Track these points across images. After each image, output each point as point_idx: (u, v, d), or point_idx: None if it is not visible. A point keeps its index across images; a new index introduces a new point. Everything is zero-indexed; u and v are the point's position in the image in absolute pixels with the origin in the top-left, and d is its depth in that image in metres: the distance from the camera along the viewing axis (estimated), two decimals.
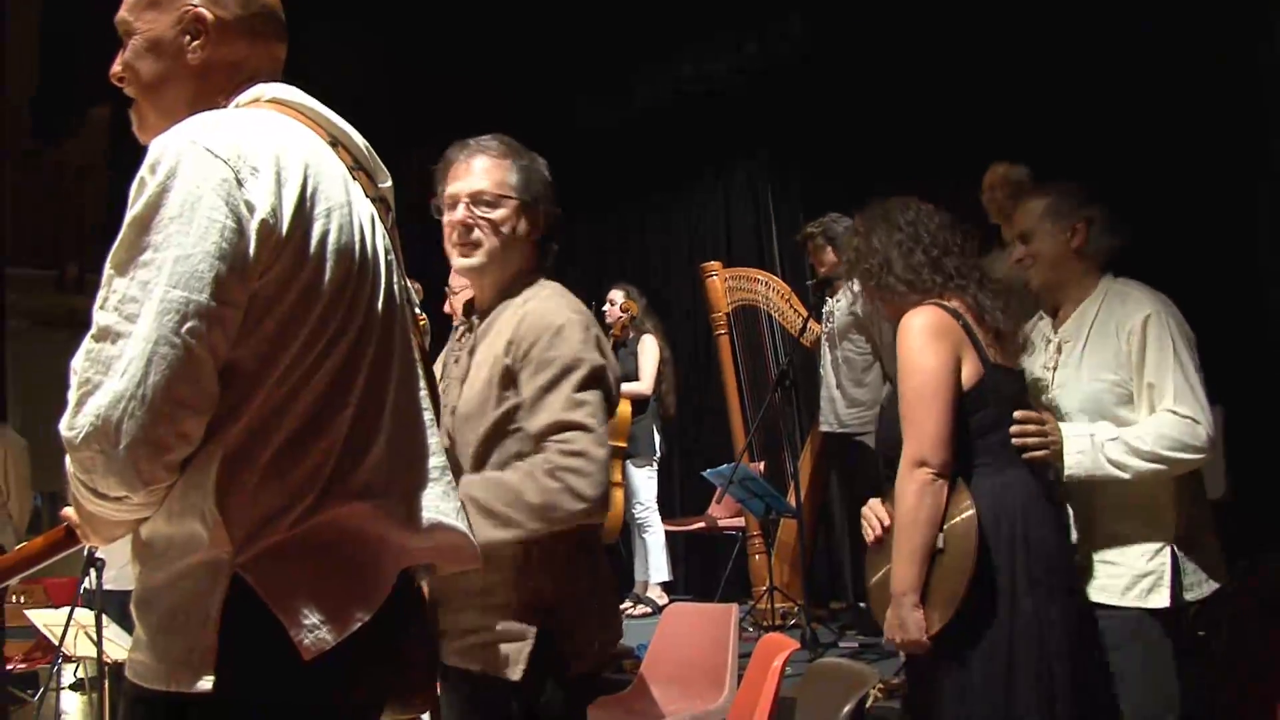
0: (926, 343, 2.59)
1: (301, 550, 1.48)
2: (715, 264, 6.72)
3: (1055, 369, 2.84)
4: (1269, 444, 4.61)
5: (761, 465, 6.47)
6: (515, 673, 2.18)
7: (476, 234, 2.39)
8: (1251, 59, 4.98)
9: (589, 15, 7.24)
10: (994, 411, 2.59)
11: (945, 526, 2.52)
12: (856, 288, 5.31)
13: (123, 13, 1.69)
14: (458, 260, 2.43)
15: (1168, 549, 2.68)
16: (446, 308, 3.36)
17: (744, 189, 7.90)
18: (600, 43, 7.52)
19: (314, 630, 1.46)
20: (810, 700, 3.03)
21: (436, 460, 1.71)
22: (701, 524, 6.79)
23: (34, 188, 9.81)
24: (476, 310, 2.48)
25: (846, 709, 2.43)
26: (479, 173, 2.42)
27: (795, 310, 6.22)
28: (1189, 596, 2.68)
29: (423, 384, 1.74)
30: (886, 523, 2.69)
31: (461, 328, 2.52)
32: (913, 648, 2.52)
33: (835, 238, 5.51)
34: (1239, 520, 4.08)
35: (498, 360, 2.28)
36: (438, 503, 1.68)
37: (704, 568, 7.39)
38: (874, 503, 2.77)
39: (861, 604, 5.16)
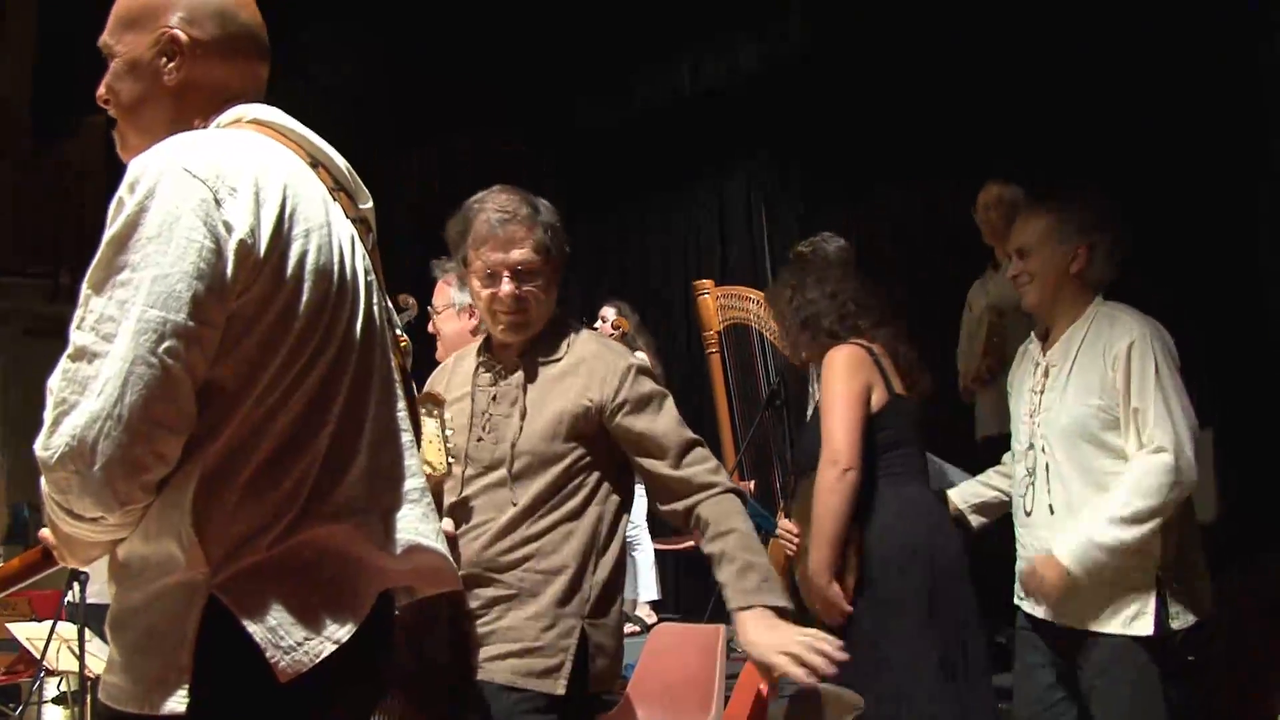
0: (845, 372, 3.05)
1: (279, 571, 1.47)
2: (707, 282, 6.70)
3: (1042, 393, 2.87)
4: (1270, 445, 4.59)
5: (751, 484, 6.45)
6: (559, 686, 2.23)
7: (522, 307, 2.45)
8: (1252, 59, 4.97)
9: (589, 15, 7.22)
10: (894, 432, 3.06)
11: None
12: None
13: (105, 36, 1.69)
14: (505, 333, 2.48)
15: (1152, 576, 2.69)
16: (430, 328, 3.35)
17: (740, 197, 7.90)
18: (599, 43, 7.50)
19: (290, 652, 1.45)
20: None
21: (416, 482, 1.70)
22: (691, 542, 6.75)
23: (31, 191, 9.80)
24: (499, 350, 2.53)
25: None
26: (517, 243, 2.45)
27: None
28: (1175, 625, 2.68)
29: (403, 405, 1.73)
30: (796, 531, 3.27)
31: (491, 367, 2.53)
32: (836, 618, 2.95)
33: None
34: (1241, 521, 4.08)
35: (571, 405, 2.39)
36: (417, 524, 1.66)
37: (694, 587, 7.37)
38: (784, 523, 3.27)
39: None
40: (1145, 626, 2.67)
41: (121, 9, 1.68)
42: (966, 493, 3.29)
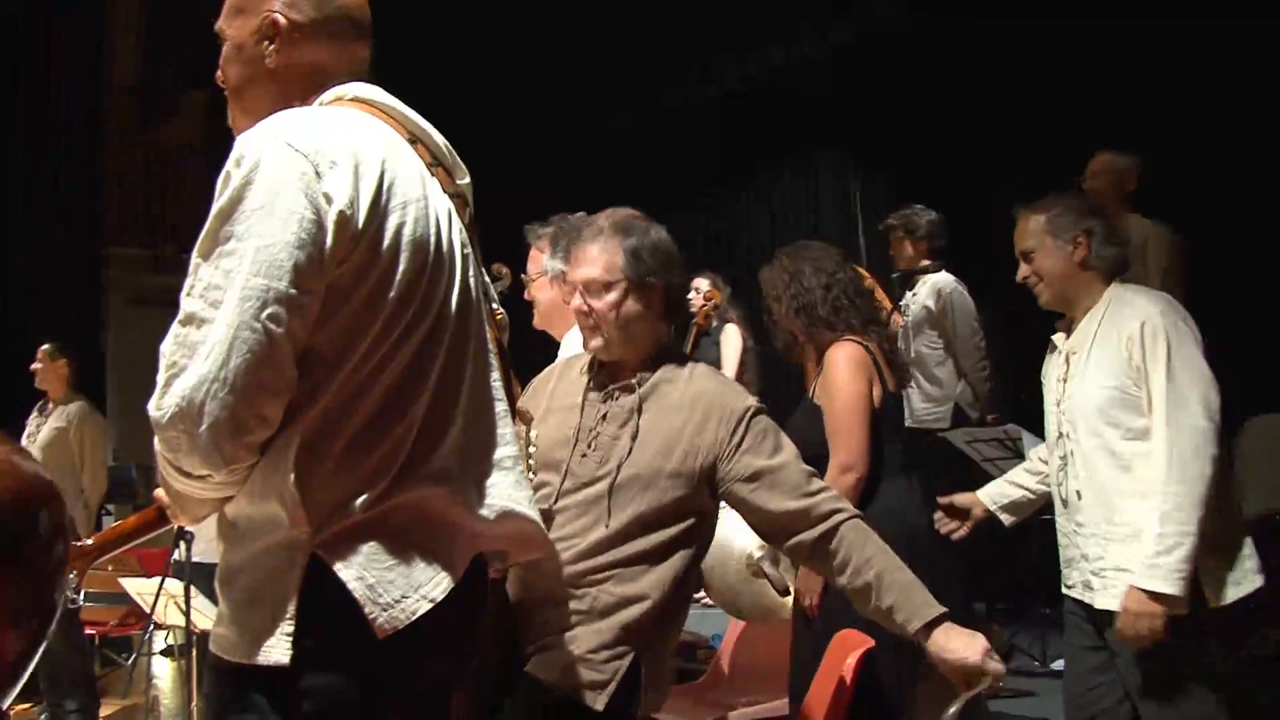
0: (851, 371, 3.16)
1: (377, 531, 1.53)
2: None
3: (1066, 380, 2.93)
4: None
5: None
6: (599, 701, 2.20)
7: (594, 321, 2.45)
8: None
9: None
10: (885, 430, 3.20)
11: None
12: (931, 283, 5.28)
13: (220, 21, 1.76)
14: (590, 347, 2.52)
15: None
16: (526, 295, 3.39)
17: (831, 175, 7.83)
18: (685, 27, 7.47)
19: (388, 609, 1.51)
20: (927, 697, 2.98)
21: (510, 450, 1.74)
22: None
23: (135, 167, 10.07)
24: (611, 369, 2.52)
25: (953, 710, 2.33)
26: (592, 259, 2.46)
27: (880, 302, 6.14)
28: (1229, 597, 2.69)
29: (498, 376, 1.77)
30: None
31: (603, 385, 2.52)
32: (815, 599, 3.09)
33: (916, 230, 5.47)
34: None
35: (685, 439, 2.37)
36: (510, 491, 1.71)
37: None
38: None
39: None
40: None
41: None
42: (994, 493, 3.31)
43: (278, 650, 1.48)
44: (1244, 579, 2.73)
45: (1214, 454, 2.65)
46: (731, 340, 6.52)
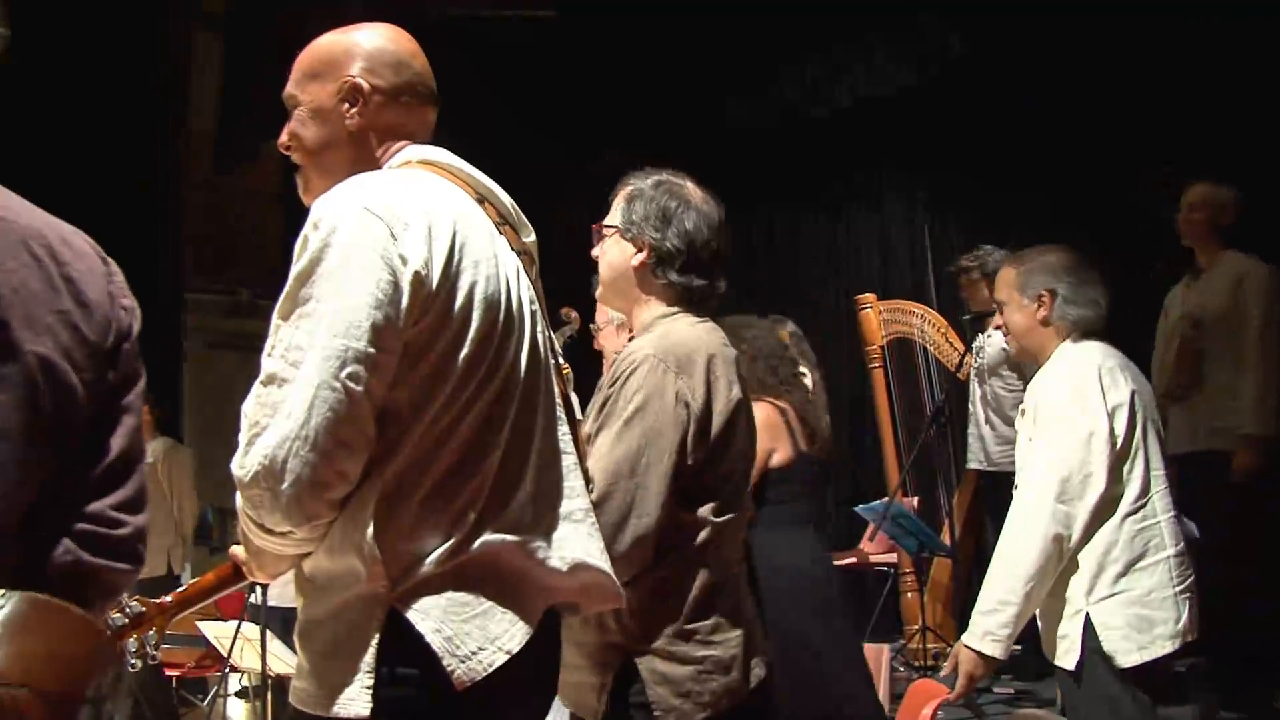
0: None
1: (454, 584, 1.55)
2: (869, 296, 6.63)
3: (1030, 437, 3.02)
4: None
5: (916, 501, 6.33)
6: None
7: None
8: None
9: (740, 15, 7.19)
10: (797, 487, 3.40)
11: None
12: None
13: (289, 88, 1.81)
14: None
15: (1082, 614, 2.78)
16: (595, 344, 3.39)
17: (900, 211, 7.76)
18: (753, 44, 7.45)
19: (465, 661, 1.52)
20: None
21: (581, 502, 1.76)
22: (853, 559, 6.66)
23: (212, 214, 10.29)
24: None
25: None
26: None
27: (951, 344, 6.08)
28: (1133, 659, 2.74)
29: (566, 429, 1.79)
30: None
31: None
32: None
33: (991, 273, 5.39)
34: None
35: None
36: (582, 543, 1.73)
37: (854, 604, 7.25)
38: None
39: (1017, 647, 5.01)
40: (1069, 660, 2.80)
41: (305, 62, 1.81)
42: None
43: (358, 703, 1.49)
44: (1151, 644, 2.78)
45: (1044, 533, 2.75)
46: None
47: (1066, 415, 2.82)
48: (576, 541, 1.71)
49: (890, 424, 6.42)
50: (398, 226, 1.54)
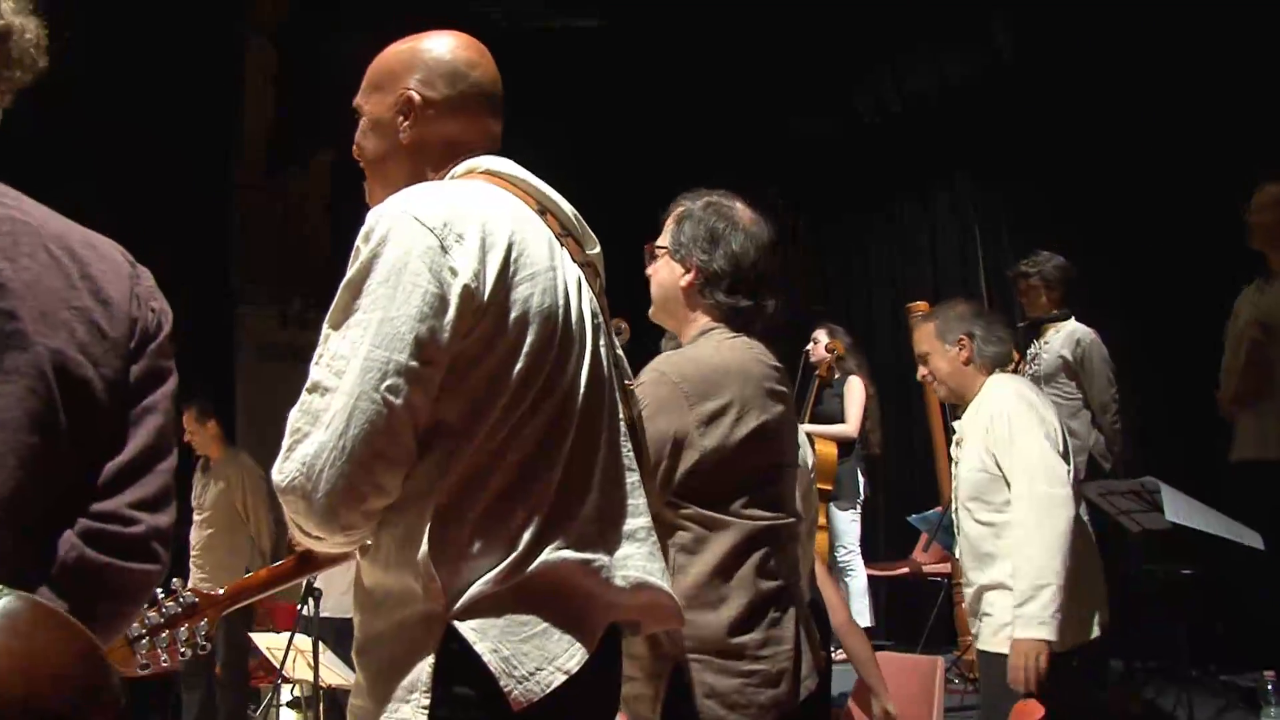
0: None
1: (513, 603, 1.52)
2: (922, 305, 6.54)
3: (958, 462, 3.37)
4: None
5: None
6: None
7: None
8: None
9: (807, 28, 7.15)
10: None
11: None
12: (1067, 332, 5.13)
13: (358, 98, 1.83)
14: None
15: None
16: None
17: (951, 215, 7.68)
18: (806, 51, 7.40)
19: (523, 681, 1.50)
20: None
21: (644, 520, 1.73)
22: (906, 569, 6.60)
23: (263, 225, 10.40)
24: None
25: None
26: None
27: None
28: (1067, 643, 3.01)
29: (630, 446, 1.77)
30: None
31: None
32: None
33: (1049, 278, 5.32)
34: None
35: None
36: (644, 563, 1.70)
37: (906, 614, 7.17)
38: None
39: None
40: (1000, 643, 3.07)
41: (371, 72, 1.82)
42: None
43: None
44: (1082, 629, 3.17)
45: (1067, 514, 3.04)
46: (855, 392, 6.44)
47: (1025, 421, 3.15)
48: (639, 560, 1.69)
49: (943, 433, 6.34)
50: (449, 238, 1.53)
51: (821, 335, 6.48)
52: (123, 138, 7.00)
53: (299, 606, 4.30)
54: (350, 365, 1.48)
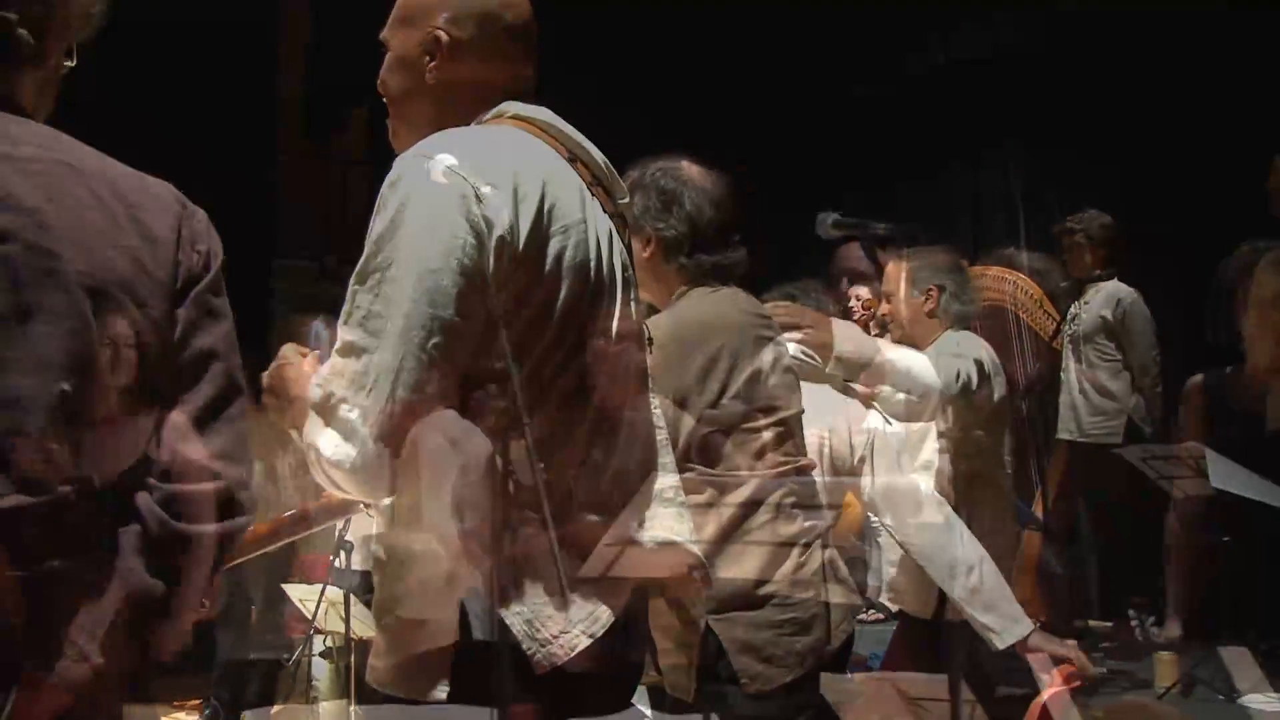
0: None
1: (537, 565, 1.49)
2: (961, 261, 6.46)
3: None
4: None
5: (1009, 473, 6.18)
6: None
7: None
8: None
9: None
10: None
11: None
12: (1107, 292, 5.06)
13: (385, 30, 1.73)
14: None
15: None
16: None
17: (994, 173, 7.57)
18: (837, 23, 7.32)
19: (546, 645, 1.48)
20: None
21: (671, 479, 1.70)
22: None
23: (300, 180, 10.41)
24: None
25: None
26: None
27: (1047, 313, 5.91)
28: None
29: (656, 402, 1.73)
30: None
31: None
32: None
33: (1095, 237, 5.24)
34: None
35: None
36: (671, 523, 1.67)
37: None
38: None
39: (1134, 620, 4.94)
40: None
41: (401, 5, 1.73)
42: None
43: (435, 685, 1.46)
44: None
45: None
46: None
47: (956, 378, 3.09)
48: (667, 520, 1.65)
49: None
50: (483, 187, 1.47)
51: (862, 292, 6.41)
52: (161, 99, 7.02)
53: (331, 558, 4.34)
54: (390, 323, 1.42)
